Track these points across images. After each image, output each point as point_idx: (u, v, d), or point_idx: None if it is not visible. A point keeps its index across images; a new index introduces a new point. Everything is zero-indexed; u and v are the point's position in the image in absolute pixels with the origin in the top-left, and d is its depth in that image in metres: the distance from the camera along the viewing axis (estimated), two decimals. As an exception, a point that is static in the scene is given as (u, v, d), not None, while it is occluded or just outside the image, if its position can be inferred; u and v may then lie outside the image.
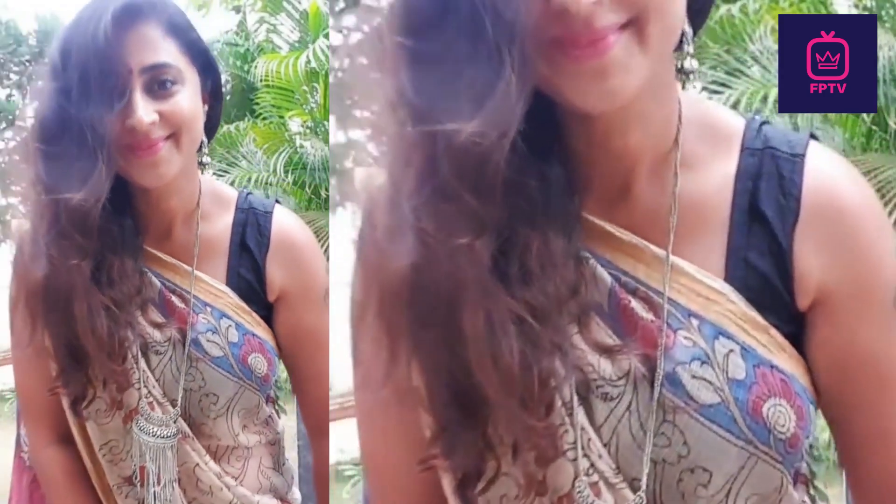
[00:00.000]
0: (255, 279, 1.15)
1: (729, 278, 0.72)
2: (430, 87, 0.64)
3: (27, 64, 7.75)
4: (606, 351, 0.71)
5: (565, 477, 0.72)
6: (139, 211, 1.13)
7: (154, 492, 1.12)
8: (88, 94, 0.99)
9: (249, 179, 5.91)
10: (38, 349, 1.13)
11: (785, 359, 0.73)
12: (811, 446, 0.79)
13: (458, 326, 0.66)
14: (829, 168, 0.78)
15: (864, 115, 4.13)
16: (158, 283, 1.13)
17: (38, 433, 1.23)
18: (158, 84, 1.04)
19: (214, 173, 5.05)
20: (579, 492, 0.71)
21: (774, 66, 3.99)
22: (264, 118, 6.11)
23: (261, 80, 5.78)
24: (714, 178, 0.74)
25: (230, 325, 1.12)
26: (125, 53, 1.01)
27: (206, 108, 1.13)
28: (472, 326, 0.66)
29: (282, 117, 6.03)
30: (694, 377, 0.70)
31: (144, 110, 1.02)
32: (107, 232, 1.06)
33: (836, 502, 3.35)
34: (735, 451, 0.70)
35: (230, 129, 5.94)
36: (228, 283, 1.15)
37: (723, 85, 4.25)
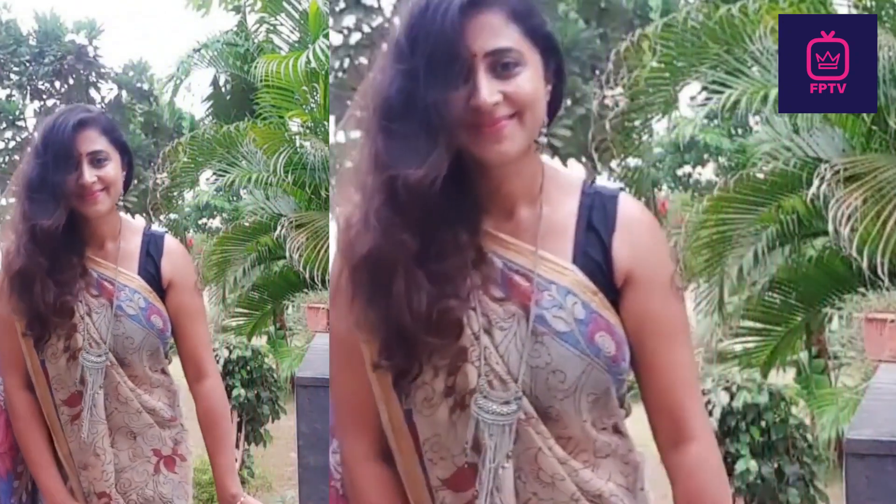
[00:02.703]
0: (602, 260, 1.19)
1: (575, 263, 1.18)
2: (395, 149, 1.11)
3: (27, 64, 7.74)
4: (499, 301, 1.16)
5: (472, 377, 1.14)
6: (481, 192, 1.18)
7: (489, 468, 1.14)
8: (435, 77, 1.09)
9: (249, 179, 5.91)
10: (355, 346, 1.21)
11: (609, 314, 1.18)
12: (810, 446, 1.14)
13: (391, 287, 1.12)
14: (632, 203, 1.23)
15: (864, 114, 4.13)
16: (500, 263, 1.17)
17: (359, 447, 1.25)
18: (502, 66, 1.12)
19: (214, 173, 5.02)
20: (481, 385, 1.14)
21: (774, 66, 3.98)
22: (264, 118, 6.11)
23: (261, 81, 5.78)
24: (564, 209, 1.21)
25: (576, 302, 1.16)
26: (470, 39, 1.10)
27: (550, 87, 1.19)
28: (397, 287, 1.12)
29: (282, 117, 6.03)
30: (554, 317, 1.15)
31: (489, 91, 1.10)
32: (444, 209, 1.13)
33: (835, 502, 3.35)
34: (579, 361, 1.14)
35: (230, 129, 5.94)
36: (575, 263, 1.18)
37: (723, 85, 4.25)
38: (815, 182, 3.90)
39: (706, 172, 8.27)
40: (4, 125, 7.84)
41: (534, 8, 1.17)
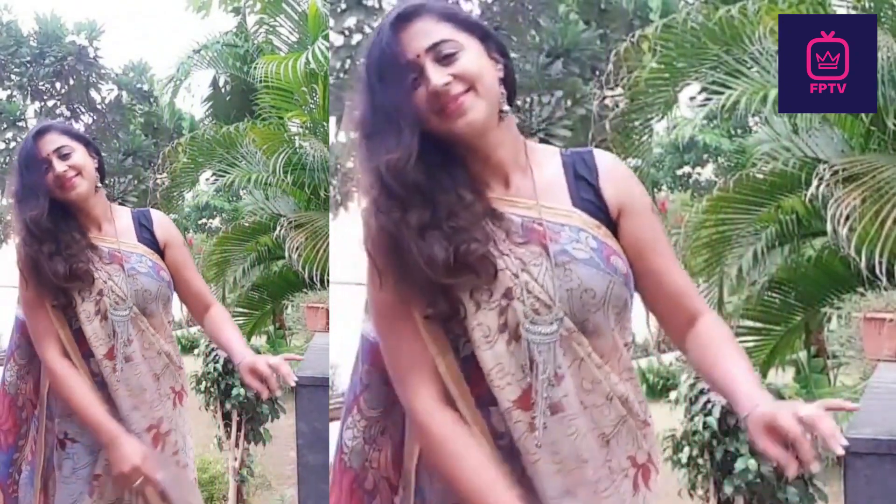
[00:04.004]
0: (596, 200, 1.44)
1: (575, 207, 1.42)
2: (375, 148, 1.34)
3: (28, 65, 7.74)
4: (524, 245, 1.37)
5: (519, 311, 1.35)
6: (475, 168, 1.41)
7: (542, 379, 1.35)
8: (388, 86, 1.34)
9: (249, 180, 5.91)
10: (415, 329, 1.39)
11: (613, 242, 1.42)
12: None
13: (410, 253, 1.32)
14: (605, 154, 1.48)
15: (863, 115, 4.13)
16: (515, 218, 1.40)
17: (428, 398, 1.38)
18: (444, 57, 1.35)
19: (214, 174, 5.02)
20: (528, 313, 1.34)
21: (774, 67, 3.99)
22: (264, 119, 6.11)
23: (260, 82, 5.78)
24: (551, 168, 1.44)
25: (588, 236, 1.40)
26: (410, 45, 1.35)
27: (501, 66, 1.41)
28: (415, 251, 1.32)
29: (281, 118, 6.03)
30: (574, 248, 1.38)
31: (438, 75, 1.33)
32: (441, 182, 1.36)
33: (835, 501, 3.35)
34: (602, 278, 1.37)
35: (230, 130, 5.94)
36: (575, 207, 1.43)
37: (723, 86, 4.25)
38: (814, 182, 3.90)
39: (706, 173, 8.28)
40: (5, 126, 7.84)
41: (457, 8, 1.43)
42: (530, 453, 1.36)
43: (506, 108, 1.40)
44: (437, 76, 1.33)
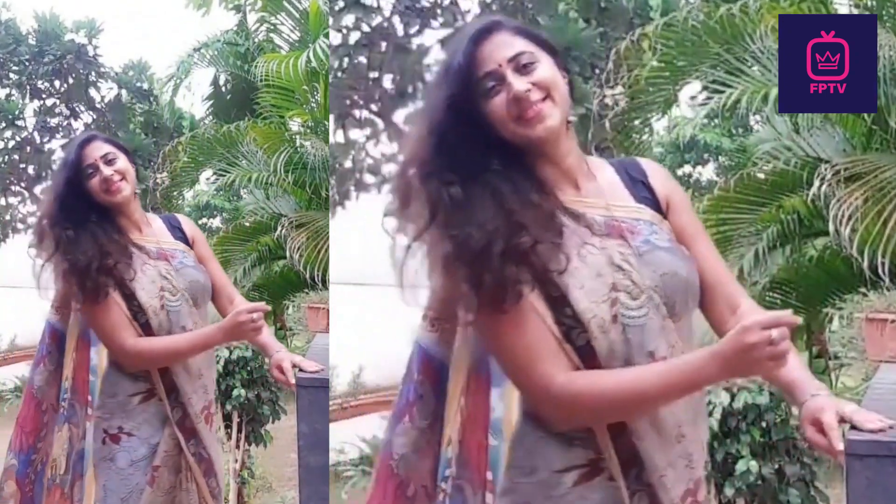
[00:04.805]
0: (651, 197, 1.58)
1: (639, 203, 1.56)
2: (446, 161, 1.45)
3: (27, 63, 7.74)
4: (613, 239, 1.47)
5: (626, 300, 1.43)
6: (547, 174, 1.51)
7: (636, 362, 1.45)
8: (467, 93, 1.44)
9: (250, 179, 5.91)
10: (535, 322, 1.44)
11: (673, 234, 1.56)
12: (811, 447, 1.22)
13: (491, 260, 1.38)
14: (646, 159, 1.66)
15: (865, 114, 4.13)
16: (594, 217, 1.50)
17: (559, 367, 1.44)
18: (522, 66, 1.45)
19: (215, 173, 5.01)
20: (628, 301, 1.43)
21: (775, 65, 3.98)
22: (265, 118, 6.11)
23: (261, 80, 5.77)
24: (606, 175, 1.58)
25: (658, 228, 1.54)
26: (493, 55, 1.45)
27: (565, 80, 1.52)
28: (495, 258, 1.37)
29: (282, 117, 6.03)
30: (656, 237, 1.51)
31: (519, 83, 1.44)
32: (515, 190, 1.45)
33: (836, 503, 3.35)
34: (684, 263, 1.51)
35: (230, 129, 5.94)
36: (639, 203, 1.57)
37: (723, 84, 4.24)
38: (816, 182, 3.90)
39: (706, 172, 8.28)
40: (4, 124, 7.84)
41: (528, 26, 1.56)
42: (639, 430, 1.44)
43: (572, 117, 1.52)
44: (519, 83, 1.43)
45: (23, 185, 8.10)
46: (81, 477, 2.45)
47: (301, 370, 2.41)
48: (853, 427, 1.51)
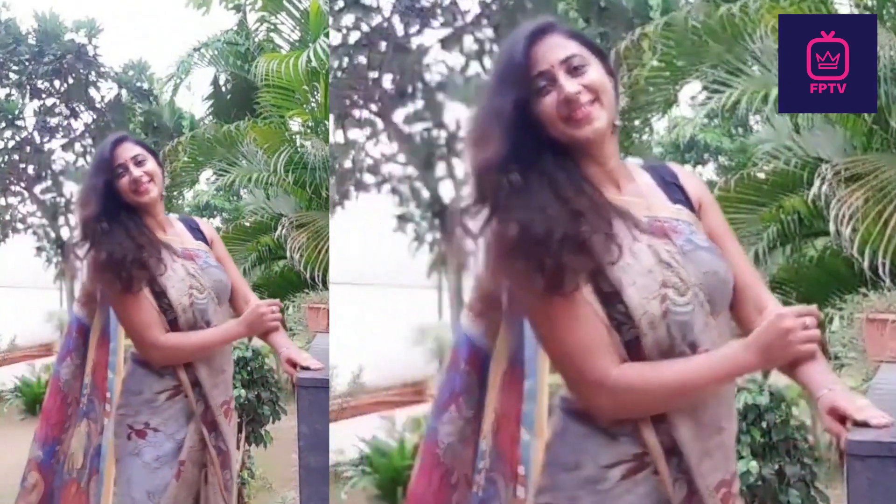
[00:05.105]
0: (684, 199, 1.63)
1: (675, 205, 1.60)
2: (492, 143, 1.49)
3: (27, 63, 7.73)
4: (657, 237, 1.51)
5: (674, 297, 1.46)
6: (592, 174, 1.55)
7: (678, 352, 1.49)
8: (508, 91, 1.48)
9: (250, 179, 5.90)
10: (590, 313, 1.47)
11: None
12: (811, 447, 1.33)
13: (551, 246, 1.42)
14: (675, 163, 1.72)
15: (865, 114, 4.12)
16: (643, 218, 1.54)
17: (611, 361, 1.47)
18: (574, 68, 1.50)
19: (215, 173, 5.00)
20: (675, 297, 1.45)
21: (775, 66, 3.98)
22: (265, 118, 6.11)
23: (261, 80, 5.77)
24: (643, 178, 1.62)
25: (696, 229, 1.58)
26: (546, 56, 1.49)
27: (613, 83, 1.56)
28: (556, 245, 1.41)
29: (282, 117, 6.02)
30: (696, 236, 1.55)
31: (570, 85, 1.48)
32: (565, 187, 1.48)
33: (836, 503, 3.35)
34: (721, 262, 1.55)
35: (230, 129, 5.93)
36: (675, 205, 1.63)
37: (723, 84, 4.24)
38: (816, 182, 3.90)
39: (706, 172, 8.27)
40: (4, 124, 7.84)
41: (578, 30, 1.60)
42: (677, 420, 1.48)
43: (618, 122, 1.57)
44: (570, 85, 1.48)
45: (23, 185, 8.10)
46: (98, 472, 2.55)
47: (303, 368, 2.48)
48: (859, 424, 1.52)
